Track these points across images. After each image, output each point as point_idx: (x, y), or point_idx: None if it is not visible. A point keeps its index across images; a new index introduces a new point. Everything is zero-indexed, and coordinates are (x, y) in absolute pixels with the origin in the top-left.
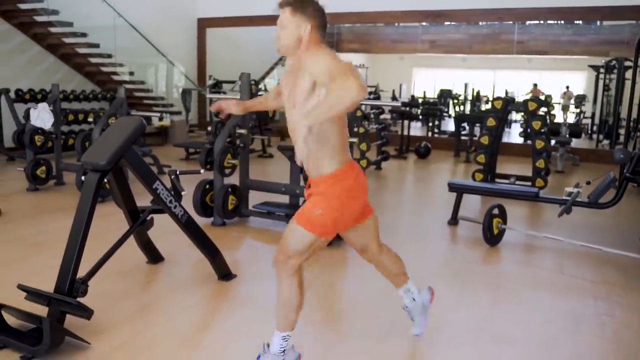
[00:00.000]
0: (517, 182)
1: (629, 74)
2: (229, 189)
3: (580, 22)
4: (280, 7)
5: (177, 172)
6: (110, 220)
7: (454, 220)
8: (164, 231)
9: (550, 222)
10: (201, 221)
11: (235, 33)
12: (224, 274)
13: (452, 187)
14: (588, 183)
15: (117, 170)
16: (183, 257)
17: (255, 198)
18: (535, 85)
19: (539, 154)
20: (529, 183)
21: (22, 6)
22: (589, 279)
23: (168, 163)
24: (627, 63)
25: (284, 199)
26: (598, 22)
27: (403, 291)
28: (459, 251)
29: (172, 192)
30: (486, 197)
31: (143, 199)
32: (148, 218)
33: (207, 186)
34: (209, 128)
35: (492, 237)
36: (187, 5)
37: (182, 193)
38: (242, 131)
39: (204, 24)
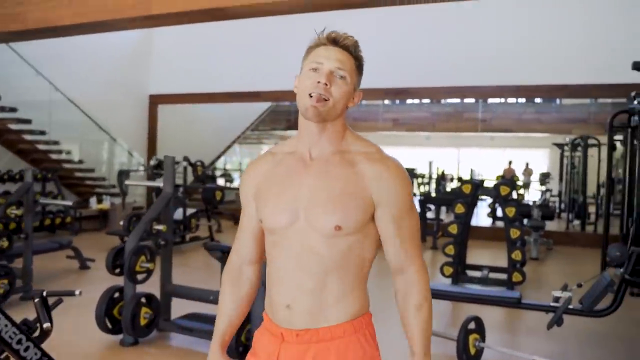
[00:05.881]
0: (491, 276)
1: (591, 151)
2: (142, 299)
3: (542, 100)
4: (342, 49)
5: (44, 294)
6: None
7: None
8: None
9: (537, 331)
10: (108, 340)
11: (190, 110)
12: None
13: None
14: (579, 286)
15: None
16: None
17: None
18: (510, 162)
19: (514, 244)
20: (504, 275)
21: None
22: None
23: (98, 254)
24: (591, 141)
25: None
26: (558, 101)
27: None
28: None
29: (30, 325)
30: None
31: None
32: None
33: (117, 294)
34: (122, 222)
35: (469, 359)
36: (139, 82)
37: (44, 326)
38: (161, 227)
39: (155, 101)
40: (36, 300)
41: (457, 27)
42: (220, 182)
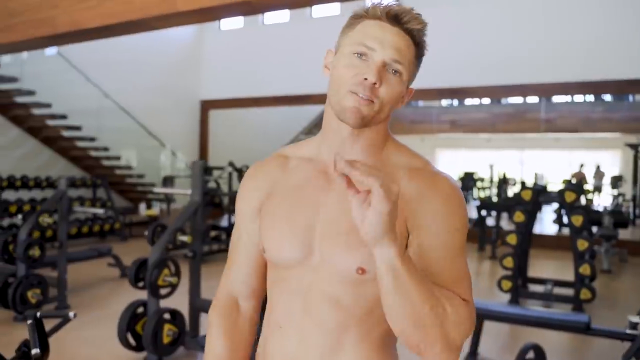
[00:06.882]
0: (556, 291)
1: None
2: (166, 315)
3: (610, 97)
4: (404, 32)
5: (38, 315)
6: None
7: (473, 357)
8: None
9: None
10: (132, 357)
11: (241, 115)
12: None
13: None
14: None
15: None
16: None
17: None
18: (582, 165)
19: (582, 256)
20: (571, 290)
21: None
22: None
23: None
24: None
25: None
26: (630, 98)
27: None
28: None
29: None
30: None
31: None
32: None
33: (141, 309)
34: (146, 232)
35: None
36: (190, 87)
37: (33, 352)
38: (185, 238)
39: (207, 106)
40: (29, 322)
41: (516, 20)
42: None
